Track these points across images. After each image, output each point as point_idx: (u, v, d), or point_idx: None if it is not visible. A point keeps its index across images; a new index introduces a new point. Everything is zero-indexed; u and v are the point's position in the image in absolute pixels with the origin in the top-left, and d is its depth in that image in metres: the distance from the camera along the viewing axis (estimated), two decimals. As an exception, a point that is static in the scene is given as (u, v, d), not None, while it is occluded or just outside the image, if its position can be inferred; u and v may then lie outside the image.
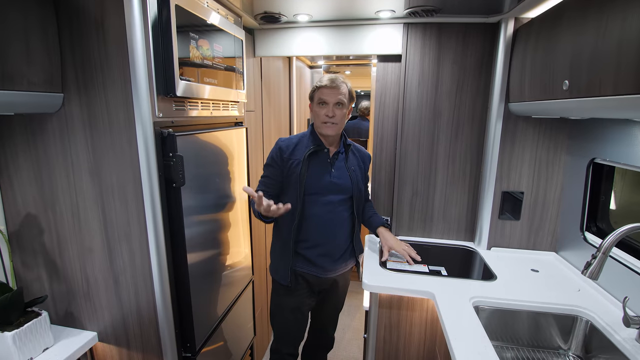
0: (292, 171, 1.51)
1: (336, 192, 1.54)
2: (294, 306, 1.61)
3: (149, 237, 1.16)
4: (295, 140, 1.56)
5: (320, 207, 1.51)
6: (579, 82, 1.10)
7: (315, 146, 1.52)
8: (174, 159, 1.15)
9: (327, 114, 1.48)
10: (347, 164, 1.58)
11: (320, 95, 1.49)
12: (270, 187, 1.56)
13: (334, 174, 1.54)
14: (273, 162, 1.56)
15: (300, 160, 1.50)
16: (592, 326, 1.28)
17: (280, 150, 1.54)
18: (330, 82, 1.48)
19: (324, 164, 1.54)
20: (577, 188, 1.61)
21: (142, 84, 1.06)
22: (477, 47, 1.75)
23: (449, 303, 1.32)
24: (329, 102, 1.48)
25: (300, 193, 1.49)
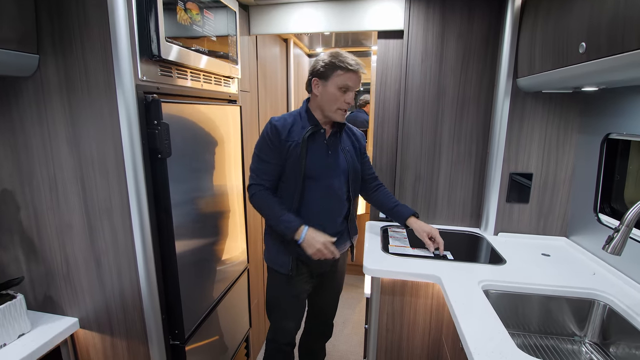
0: (290, 154, 1.38)
1: (333, 175, 1.43)
2: (293, 294, 1.51)
3: (132, 212, 1.07)
4: (290, 120, 1.42)
5: (319, 191, 1.41)
6: (598, 42, 1.01)
7: (314, 126, 1.40)
8: (158, 126, 1.06)
9: (348, 101, 1.36)
10: (341, 145, 1.47)
11: (346, 80, 1.33)
12: (272, 175, 1.41)
13: (330, 156, 1.43)
14: (272, 144, 1.38)
15: (299, 142, 1.37)
16: (610, 310, 1.19)
17: (277, 131, 1.38)
18: (358, 67, 1.33)
19: (321, 145, 1.42)
20: (590, 168, 1.52)
21: (122, 43, 0.97)
22: (484, 20, 1.66)
23: (457, 287, 1.23)
24: (352, 90, 1.35)
25: (300, 177, 1.38)
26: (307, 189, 1.40)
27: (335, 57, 1.34)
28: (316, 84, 1.38)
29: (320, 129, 1.42)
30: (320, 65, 1.36)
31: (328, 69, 1.34)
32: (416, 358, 1.50)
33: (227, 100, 1.61)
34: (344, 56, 1.34)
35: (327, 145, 1.43)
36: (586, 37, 1.07)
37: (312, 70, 1.39)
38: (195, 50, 1.23)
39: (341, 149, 1.46)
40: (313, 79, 1.39)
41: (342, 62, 1.32)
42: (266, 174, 1.41)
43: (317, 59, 1.38)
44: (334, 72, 1.33)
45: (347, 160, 1.45)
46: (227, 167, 1.55)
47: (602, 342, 1.22)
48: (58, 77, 1.03)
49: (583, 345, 1.26)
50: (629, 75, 0.98)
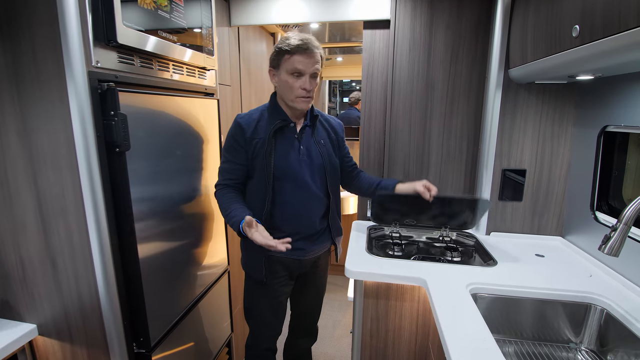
0: (257, 153, 1.28)
1: (307, 172, 1.32)
2: (271, 298, 1.43)
3: (87, 211, 0.98)
4: (256, 116, 1.31)
5: (292, 191, 1.31)
6: (592, 23, 0.93)
7: (281, 121, 1.29)
8: (115, 117, 0.97)
9: (304, 87, 1.23)
10: (315, 138, 1.35)
11: (295, 63, 1.21)
12: (237, 175, 1.33)
13: (303, 152, 1.32)
14: (235, 144, 1.30)
15: (265, 138, 1.27)
16: (608, 315, 1.11)
17: (241, 129, 1.29)
18: (304, 46, 1.19)
19: (291, 140, 1.31)
20: (586, 163, 1.44)
21: (72, 25, 0.88)
22: (473, 9, 1.58)
23: (442, 290, 1.15)
24: (305, 73, 1.22)
25: (269, 177, 1.27)
26: (278, 190, 1.30)
27: (282, 41, 1.23)
28: (272, 75, 1.30)
29: (290, 122, 1.31)
30: (272, 53, 1.27)
31: (277, 55, 1.25)
32: (402, 365, 1.41)
33: (203, 93, 1.52)
34: (289, 37, 1.22)
35: (299, 140, 1.32)
36: (580, 20, 0.98)
37: (269, 61, 1.30)
38: (162, 37, 1.15)
39: (315, 142, 1.35)
40: (269, 69, 1.30)
41: (287, 44, 1.20)
42: (230, 174, 1.33)
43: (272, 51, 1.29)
44: (282, 57, 1.23)
45: (323, 155, 1.34)
46: (202, 163, 1.46)
47: (599, 349, 1.14)
48: (5, 64, 0.95)
49: (579, 352, 1.17)
50: (626, 57, 0.90)
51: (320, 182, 1.35)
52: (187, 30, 1.31)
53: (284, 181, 1.29)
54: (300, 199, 1.31)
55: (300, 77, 1.23)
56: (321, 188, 1.35)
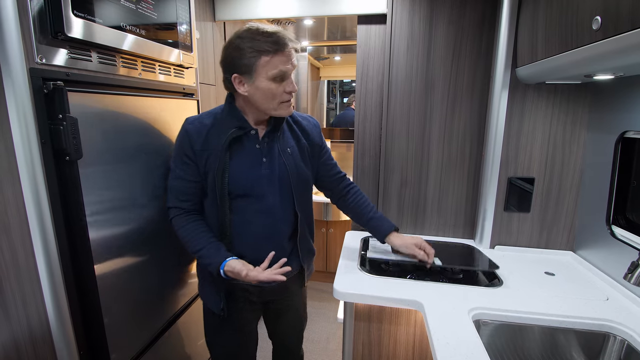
0: (208, 168, 1.07)
1: (270, 189, 1.11)
2: (235, 330, 1.23)
3: (32, 228, 0.86)
4: (208, 122, 1.09)
5: (253, 212, 1.10)
6: (618, 13, 0.79)
7: (237, 129, 1.07)
8: (64, 121, 0.85)
9: (289, 90, 1.04)
10: (280, 145, 1.13)
11: (278, 66, 1.00)
12: (192, 194, 1.11)
13: (265, 164, 1.10)
14: (183, 155, 1.08)
15: (218, 151, 1.06)
16: (629, 347, 0.97)
17: (189, 139, 1.07)
18: (283, 41, 0.99)
19: (252, 151, 1.10)
20: (602, 172, 1.30)
21: (7, 12, 0.76)
22: (478, 2, 1.44)
23: (441, 316, 1.01)
24: (290, 72, 1.03)
25: (223, 197, 1.06)
26: (236, 211, 1.09)
27: (251, 38, 0.98)
28: (239, 82, 1.03)
29: (250, 129, 1.09)
30: (235, 56, 1.00)
31: (249, 58, 0.99)
32: (396, 396, 1.28)
33: (180, 94, 1.40)
34: (261, 32, 0.99)
35: (261, 151, 1.10)
36: (602, 9, 0.85)
37: (230, 66, 1.03)
38: (126, 30, 1.02)
39: (280, 151, 1.13)
40: (234, 76, 1.03)
41: (263, 41, 0.98)
42: (183, 194, 1.11)
43: (228, 46, 1.03)
44: (256, 61, 0.99)
45: (288, 166, 1.13)
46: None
47: (619, 386, 1.00)
48: None
49: (595, 388, 1.03)
50: (658, 55, 0.76)
51: (286, 200, 1.14)
52: (159, 25, 1.18)
53: (243, 201, 1.09)
54: (263, 220, 1.11)
55: (283, 80, 1.03)
56: (287, 206, 1.15)
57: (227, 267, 1.04)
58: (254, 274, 1.03)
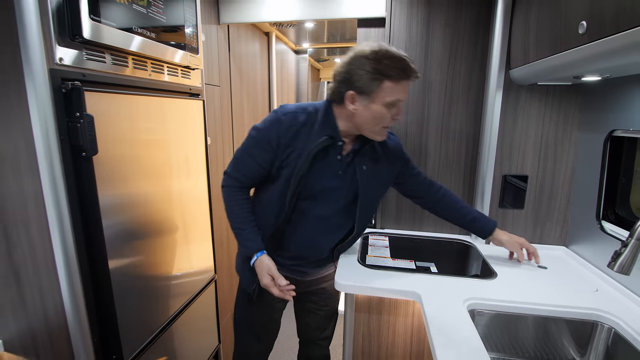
0: (287, 163, 1.08)
1: (337, 199, 1.15)
2: (262, 315, 1.33)
3: (50, 220, 0.91)
4: (301, 119, 1.08)
5: (313, 217, 1.15)
6: (601, 19, 0.85)
7: (328, 138, 1.06)
8: (81, 119, 0.90)
9: (396, 117, 1.05)
10: (358, 162, 1.14)
11: (398, 93, 1.00)
12: (253, 176, 1.14)
13: (340, 176, 1.12)
14: (266, 143, 1.08)
15: (302, 151, 1.06)
16: (616, 335, 1.02)
17: (279, 127, 1.06)
18: (410, 71, 1.00)
19: (333, 161, 1.11)
20: (592, 169, 1.36)
21: (30, 18, 0.81)
22: (473, 6, 1.50)
23: (437, 306, 1.06)
24: (403, 101, 1.04)
25: (292, 196, 1.08)
26: (299, 211, 1.13)
27: (380, 60, 0.97)
28: (353, 100, 1.03)
29: (338, 141, 1.09)
30: (358, 75, 0.99)
31: (372, 80, 0.98)
32: (395, 385, 1.33)
33: (187, 94, 1.45)
34: (393, 57, 0.98)
35: (341, 163, 1.12)
36: (587, 15, 0.90)
37: (348, 81, 1.02)
38: (137, 33, 1.07)
39: (358, 168, 1.14)
40: (348, 92, 1.03)
41: (393, 67, 0.97)
42: (247, 171, 1.13)
43: (350, 63, 1.02)
44: (380, 84, 0.98)
45: (361, 183, 1.14)
46: (185, 166, 1.39)
47: (607, 372, 1.05)
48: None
49: (585, 374, 1.09)
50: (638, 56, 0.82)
51: (346, 213, 1.18)
52: (168, 27, 1.23)
53: (308, 204, 1.13)
54: (320, 227, 1.17)
55: (397, 105, 1.04)
56: (347, 220, 1.20)
57: (259, 259, 1.13)
58: (269, 283, 1.12)
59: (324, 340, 1.49)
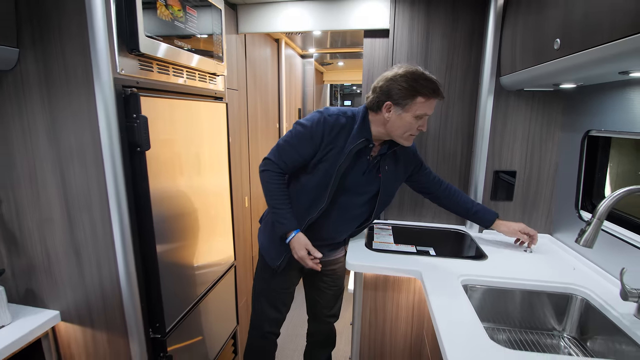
0: (326, 158, 1.27)
1: (362, 194, 1.38)
2: (281, 287, 1.54)
3: (111, 205, 1.08)
4: (342, 122, 1.27)
5: (343, 208, 1.38)
6: (571, 37, 1.03)
7: (365, 140, 1.27)
8: (137, 120, 1.07)
9: (422, 128, 1.26)
10: (384, 164, 1.37)
11: (427, 108, 1.22)
12: (292, 164, 1.32)
13: (367, 174, 1.35)
14: (309, 137, 1.26)
15: (344, 151, 1.26)
16: (587, 304, 1.20)
17: (324, 128, 1.25)
18: (440, 92, 1.22)
19: (364, 161, 1.33)
20: (572, 165, 1.54)
21: (100, 35, 0.98)
22: (467, 20, 1.68)
23: (436, 281, 1.24)
24: (429, 115, 1.26)
25: (332, 190, 1.30)
26: (332, 203, 1.35)
27: (416, 80, 1.19)
28: (389, 109, 1.24)
29: (370, 144, 1.31)
30: (397, 89, 1.20)
31: (407, 95, 1.20)
32: (399, 353, 1.50)
33: (213, 97, 1.62)
34: (426, 79, 1.20)
35: (369, 163, 1.34)
36: (561, 34, 1.08)
37: (386, 93, 1.23)
38: (177, 46, 1.25)
39: (381, 168, 1.37)
40: (386, 102, 1.23)
41: (425, 87, 1.19)
42: (288, 158, 1.32)
43: (391, 79, 1.23)
44: (414, 99, 1.20)
45: (382, 181, 1.37)
46: (211, 163, 1.56)
47: (580, 337, 1.23)
48: (37, 70, 1.04)
49: (562, 339, 1.26)
50: (602, 70, 1.00)
51: (368, 206, 1.42)
52: (200, 39, 1.40)
53: (342, 197, 1.35)
54: (347, 217, 1.40)
55: (421, 119, 1.25)
56: (367, 211, 1.44)
57: (296, 236, 1.33)
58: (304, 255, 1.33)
59: (330, 317, 1.69)
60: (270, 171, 1.35)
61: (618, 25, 0.82)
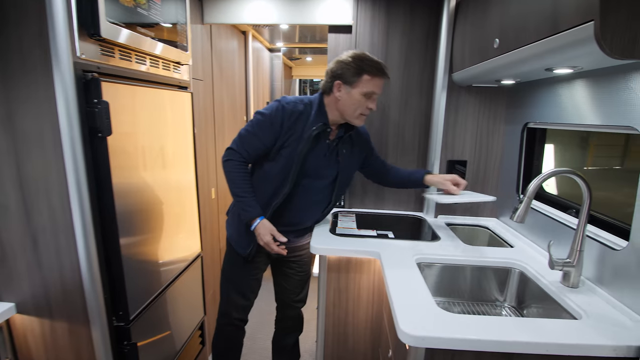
0: (288, 144, 1.33)
1: (323, 177, 1.44)
2: (248, 274, 1.57)
3: (70, 191, 1.07)
4: (300, 108, 1.35)
5: (306, 192, 1.43)
6: (507, 37, 1.15)
7: (323, 124, 1.35)
8: (99, 105, 1.07)
9: (371, 107, 1.34)
10: (341, 148, 1.45)
11: (373, 86, 1.30)
12: (254, 152, 1.38)
13: (326, 157, 1.42)
14: (270, 125, 1.33)
15: (303, 136, 1.33)
16: (523, 275, 1.35)
17: (283, 115, 1.32)
18: (384, 71, 1.31)
19: (322, 145, 1.39)
20: (515, 155, 1.70)
21: (59, 19, 0.97)
22: (424, 19, 1.80)
23: (393, 260, 1.34)
24: (377, 94, 1.34)
25: (294, 174, 1.35)
26: (295, 187, 1.40)
27: (362, 60, 1.30)
28: (339, 88, 1.33)
29: (328, 128, 1.38)
30: (345, 68, 1.31)
31: (354, 73, 1.29)
32: (361, 331, 1.59)
33: (177, 87, 1.62)
34: (372, 60, 1.30)
35: (328, 146, 1.41)
36: (499, 34, 1.21)
37: (335, 73, 1.34)
38: (140, 33, 1.25)
39: (340, 151, 1.44)
40: (336, 82, 1.33)
41: (371, 66, 1.29)
42: (250, 147, 1.37)
43: (340, 60, 1.33)
44: (360, 76, 1.29)
45: (341, 165, 1.45)
46: (177, 153, 1.56)
47: (518, 306, 1.38)
48: (-10, 52, 1.01)
49: (503, 309, 1.41)
50: (532, 66, 1.13)
51: (329, 190, 1.49)
52: (163, 27, 1.41)
53: (304, 181, 1.40)
54: (309, 201, 1.46)
55: (371, 98, 1.33)
56: (328, 195, 1.50)
57: (261, 223, 1.37)
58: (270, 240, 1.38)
59: (298, 302, 1.75)
60: (233, 160, 1.39)
61: (541, 27, 0.94)
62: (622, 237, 1.08)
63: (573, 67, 1.04)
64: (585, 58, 0.90)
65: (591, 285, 1.13)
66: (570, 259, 1.12)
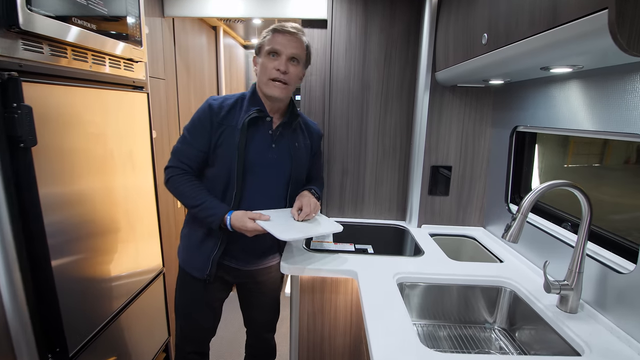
0: (222, 141, 1.19)
1: (274, 174, 1.26)
2: (206, 302, 1.36)
3: (-16, 211, 0.89)
4: (230, 102, 1.24)
5: (254, 191, 1.24)
6: (497, 32, 1.03)
7: (257, 110, 1.21)
8: (19, 110, 0.89)
9: (277, 68, 1.18)
10: (290, 140, 1.28)
11: (273, 43, 1.18)
12: (194, 162, 1.23)
13: (274, 150, 1.24)
14: (200, 127, 1.20)
15: (237, 127, 1.19)
16: (515, 296, 1.23)
17: (211, 111, 1.20)
18: (285, 27, 1.20)
19: (265, 136, 1.24)
20: (502, 160, 1.59)
21: (-41, 4, 0.79)
22: (405, 15, 1.67)
23: (371, 281, 1.20)
24: (282, 53, 1.18)
25: (239, 170, 1.19)
26: (244, 187, 1.23)
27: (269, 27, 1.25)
28: (255, 62, 1.28)
29: (266, 116, 1.24)
30: (258, 42, 1.27)
31: (261, 40, 1.24)
32: (338, 357, 1.45)
33: (131, 87, 1.44)
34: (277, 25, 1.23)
35: (272, 137, 1.25)
36: (487, 29, 1.08)
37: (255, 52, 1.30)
38: (78, 24, 1.07)
39: (289, 144, 1.28)
40: (254, 57, 1.30)
41: (272, 28, 1.22)
42: (187, 158, 1.23)
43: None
44: (264, 40, 1.22)
45: (293, 159, 1.28)
46: (129, 160, 1.39)
47: (510, 328, 1.26)
48: None
49: (493, 331, 1.29)
50: (525, 64, 1.01)
51: (283, 188, 1.30)
52: (109, 18, 1.23)
53: (253, 178, 1.23)
54: (259, 199, 1.25)
55: (277, 58, 1.19)
56: (281, 195, 1.31)
57: (234, 215, 1.17)
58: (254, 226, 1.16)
59: (267, 333, 1.55)
60: (173, 176, 1.24)
61: (537, 20, 0.82)
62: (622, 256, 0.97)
63: (573, 65, 0.92)
64: (591, 55, 0.78)
65: (591, 310, 1.01)
66: (568, 282, 1.01)
